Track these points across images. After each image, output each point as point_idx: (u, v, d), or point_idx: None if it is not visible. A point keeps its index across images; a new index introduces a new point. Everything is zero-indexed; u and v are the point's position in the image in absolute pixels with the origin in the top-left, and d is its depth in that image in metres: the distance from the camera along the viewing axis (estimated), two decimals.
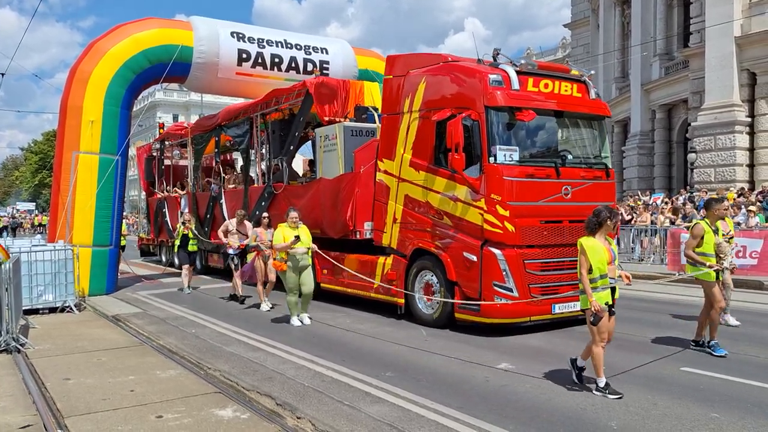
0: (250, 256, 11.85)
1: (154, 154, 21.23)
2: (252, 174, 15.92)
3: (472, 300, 8.90)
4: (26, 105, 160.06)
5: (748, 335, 8.54)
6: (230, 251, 12.73)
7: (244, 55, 15.14)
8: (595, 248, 6.00)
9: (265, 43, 15.49)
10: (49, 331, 9.72)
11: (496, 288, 8.61)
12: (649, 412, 5.58)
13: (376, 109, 12.07)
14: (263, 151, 14.61)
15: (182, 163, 20.43)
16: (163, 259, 20.12)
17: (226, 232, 12.75)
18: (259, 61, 15.32)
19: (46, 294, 11.35)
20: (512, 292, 8.59)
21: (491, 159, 8.64)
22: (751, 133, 23.31)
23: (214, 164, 18.25)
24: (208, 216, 16.58)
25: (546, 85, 9.27)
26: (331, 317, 10.55)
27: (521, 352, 7.89)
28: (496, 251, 8.61)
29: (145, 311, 11.65)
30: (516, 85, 8.91)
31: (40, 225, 46.04)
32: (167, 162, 20.64)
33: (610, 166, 9.94)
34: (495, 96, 8.74)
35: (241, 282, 12.47)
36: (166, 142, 20.47)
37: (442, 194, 9.29)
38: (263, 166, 14.59)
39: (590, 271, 5.98)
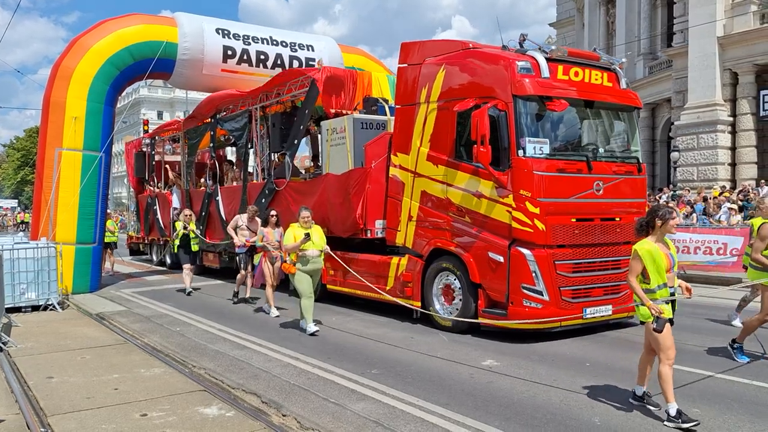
0: (256, 258, 10.88)
1: (144, 149, 20.38)
2: (250, 170, 15.19)
3: (498, 303, 8.40)
4: (8, 101, 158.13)
5: (729, 332, 8.63)
6: (237, 249, 11.94)
7: (230, 52, 15.07)
8: (652, 253, 5.24)
9: (250, 40, 15.42)
10: (32, 329, 9.63)
11: (524, 291, 8.04)
12: (632, 408, 5.63)
13: (386, 101, 11.59)
14: (262, 145, 13.95)
15: (174, 158, 19.70)
16: (154, 258, 19.48)
17: (236, 228, 11.94)
18: (245, 58, 15.26)
19: (29, 292, 11.24)
20: (542, 295, 8.00)
21: (520, 152, 8.06)
22: (733, 132, 23.61)
23: (208, 160, 17.82)
24: (204, 214, 15.73)
25: (576, 74, 8.70)
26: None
27: (505, 350, 7.93)
28: (526, 251, 8.03)
29: (129, 309, 11.57)
30: (546, 72, 8.32)
31: (22, 222, 45.53)
32: (158, 158, 19.92)
33: (642, 161, 9.38)
34: (523, 84, 8.13)
35: (255, 287, 11.67)
36: (157, 137, 19.82)
37: (464, 190, 8.70)
38: (263, 162, 13.94)
39: (647, 279, 5.26)
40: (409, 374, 6.84)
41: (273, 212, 10.97)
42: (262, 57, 15.48)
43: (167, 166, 19.62)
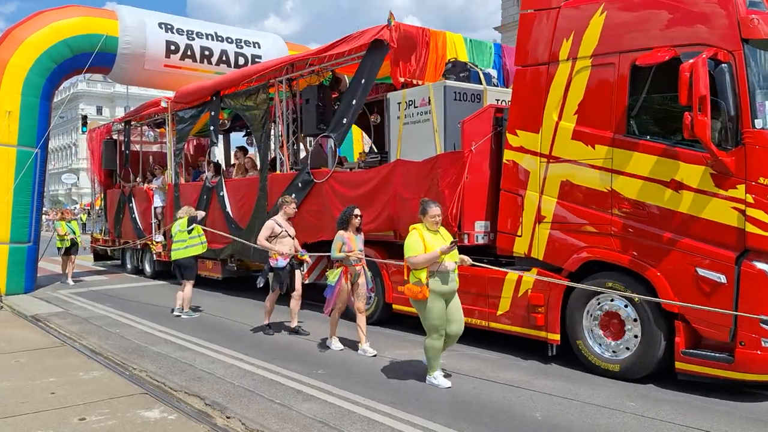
0: (333, 275, 7.79)
1: (115, 136, 17.29)
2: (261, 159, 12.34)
3: (712, 343, 6.02)
4: None
5: None
6: (277, 263, 8.75)
7: (173, 47, 14.79)
8: None
9: (194, 36, 15.18)
10: None
11: (765, 327, 5.69)
12: (571, 402, 5.82)
13: (476, 65, 9.35)
14: (280, 128, 11.40)
15: (154, 148, 18.16)
16: (129, 265, 16.66)
17: (272, 238, 8.76)
18: (189, 53, 15.00)
19: None
20: None
21: (757, 122, 5.74)
22: None
23: (190, 149, 16.50)
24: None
25: None
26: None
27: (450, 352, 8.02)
28: None
29: (66, 311, 11.21)
30: None
31: None
32: (134, 147, 17.20)
33: None
34: (757, 25, 5.77)
35: (326, 314, 8.08)
36: (133, 122, 16.70)
37: (647, 179, 6.32)
38: (289, 148, 11.43)
39: None
40: (356, 374, 6.86)
41: (357, 212, 7.90)
42: (207, 53, 15.24)
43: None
